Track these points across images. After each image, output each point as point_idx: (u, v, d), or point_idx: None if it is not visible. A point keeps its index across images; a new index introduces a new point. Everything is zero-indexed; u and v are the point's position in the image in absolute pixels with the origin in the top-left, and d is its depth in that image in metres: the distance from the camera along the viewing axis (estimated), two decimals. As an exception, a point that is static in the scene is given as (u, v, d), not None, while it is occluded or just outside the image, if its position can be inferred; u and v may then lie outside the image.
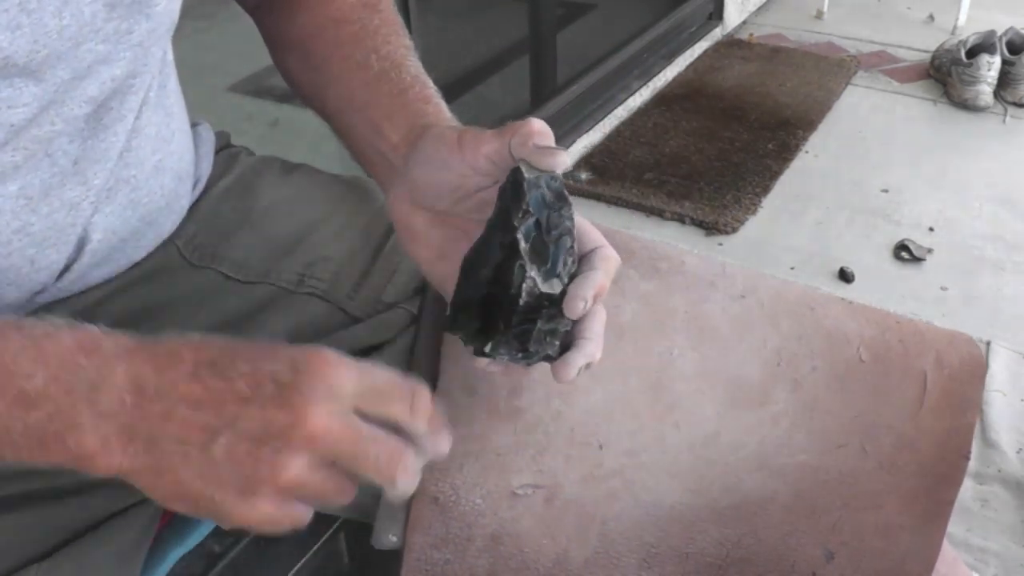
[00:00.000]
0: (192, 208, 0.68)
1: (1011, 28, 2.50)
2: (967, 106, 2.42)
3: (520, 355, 0.50)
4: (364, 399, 0.44)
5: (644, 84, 2.49)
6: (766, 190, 2.12)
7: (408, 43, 0.66)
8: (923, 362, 0.63)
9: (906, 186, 2.14)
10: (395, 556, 0.60)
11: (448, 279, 0.55)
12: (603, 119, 2.33)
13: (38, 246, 0.55)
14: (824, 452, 0.60)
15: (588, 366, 0.51)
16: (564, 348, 0.51)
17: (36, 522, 0.56)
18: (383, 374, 0.45)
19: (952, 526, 0.63)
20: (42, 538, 0.56)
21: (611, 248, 0.52)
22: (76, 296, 0.61)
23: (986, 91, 2.39)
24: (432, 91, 0.62)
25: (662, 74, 2.57)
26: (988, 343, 1.65)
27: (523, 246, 0.48)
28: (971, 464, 1.41)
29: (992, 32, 2.45)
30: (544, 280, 0.49)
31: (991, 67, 2.38)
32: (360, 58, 0.64)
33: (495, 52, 2.30)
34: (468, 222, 0.56)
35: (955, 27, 2.84)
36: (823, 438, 0.61)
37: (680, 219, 2.04)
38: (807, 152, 2.29)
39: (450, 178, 0.54)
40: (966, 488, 1.39)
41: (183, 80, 0.69)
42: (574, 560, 0.58)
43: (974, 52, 2.43)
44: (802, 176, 2.20)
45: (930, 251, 1.92)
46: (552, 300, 0.49)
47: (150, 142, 0.61)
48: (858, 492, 0.60)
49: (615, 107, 2.38)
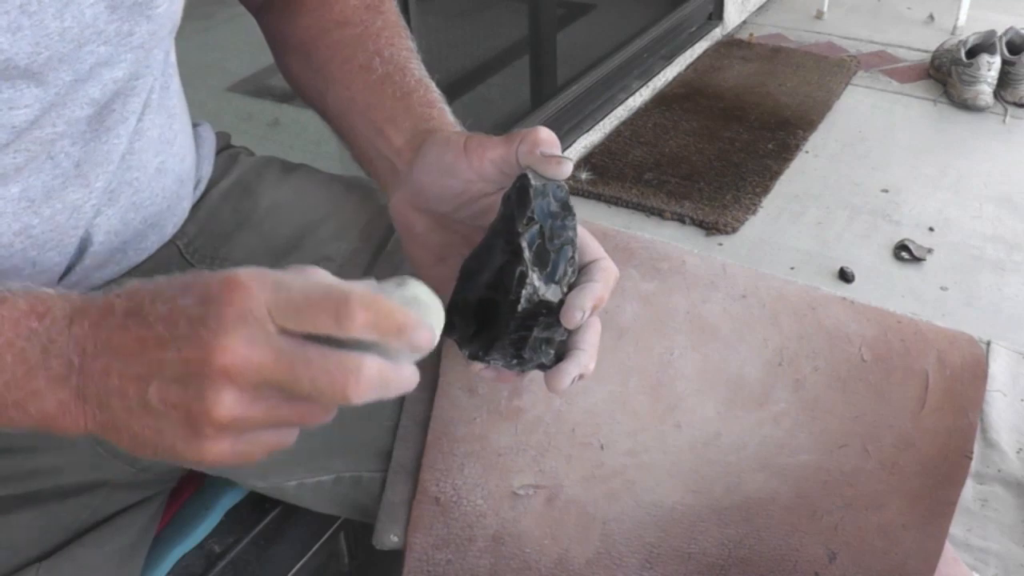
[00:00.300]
0: (193, 209, 0.68)
1: (1011, 28, 2.50)
2: (967, 106, 2.42)
3: (515, 361, 0.50)
4: (284, 317, 0.41)
5: (644, 84, 2.49)
6: (766, 190, 2.12)
7: (411, 46, 0.66)
8: (924, 362, 0.63)
9: (906, 186, 2.14)
10: (396, 556, 0.60)
11: (446, 283, 0.55)
12: (603, 119, 2.33)
13: (39, 248, 0.55)
14: (826, 452, 0.60)
15: (581, 377, 0.51)
16: (559, 357, 0.51)
17: (36, 522, 0.56)
18: (300, 286, 0.41)
19: (952, 526, 0.63)
20: (42, 538, 0.56)
21: (611, 261, 0.52)
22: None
23: (986, 91, 2.39)
24: (436, 95, 0.62)
25: (662, 74, 2.57)
26: (988, 343, 1.65)
27: (526, 253, 0.48)
28: (971, 464, 1.41)
29: (992, 32, 2.45)
30: (544, 287, 0.49)
31: (991, 67, 2.38)
32: (363, 60, 0.64)
33: (495, 52, 2.30)
34: (469, 227, 0.56)
35: (955, 27, 2.84)
36: (824, 438, 0.60)
37: (680, 219, 2.04)
38: (807, 152, 2.29)
39: (454, 183, 0.54)
40: (966, 488, 1.39)
41: (183, 80, 0.69)
42: (575, 560, 0.58)
43: (974, 52, 2.43)
44: (802, 176, 2.20)
45: (930, 251, 1.92)
46: (550, 308, 0.49)
47: (152, 144, 0.61)
48: (860, 492, 0.60)
49: (615, 107, 2.38)
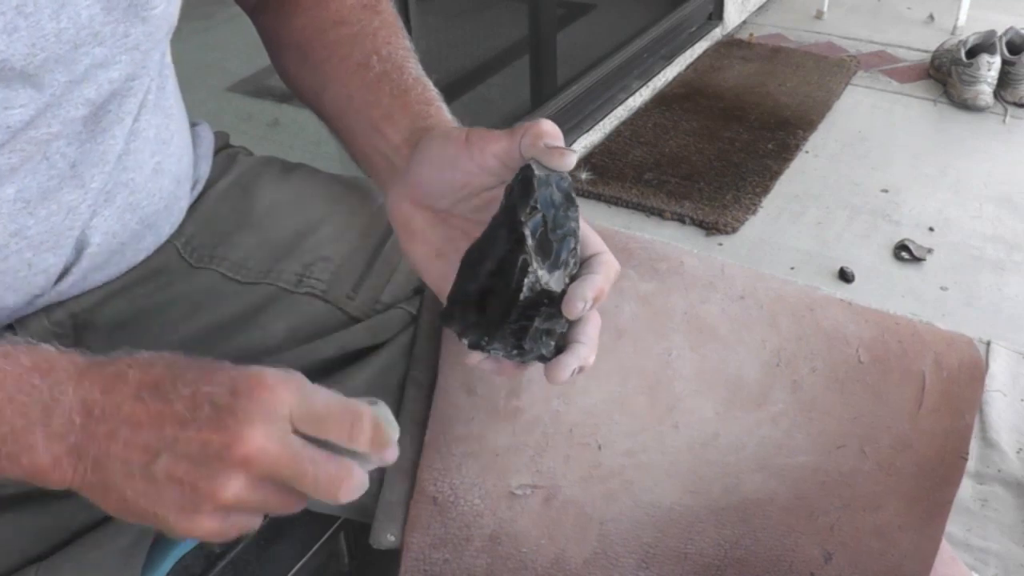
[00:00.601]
0: (191, 209, 0.68)
1: (1011, 28, 2.49)
2: (967, 106, 2.42)
3: (515, 352, 0.50)
4: (303, 422, 0.45)
5: (644, 84, 2.49)
6: (766, 190, 2.12)
7: (408, 44, 0.66)
8: (922, 363, 0.63)
9: (906, 186, 2.14)
10: (395, 556, 0.60)
11: (444, 278, 0.55)
12: (603, 119, 2.33)
13: (35, 249, 0.55)
14: (823, 453, 0.60)
15: (581, 370, 0.51)
16: (558, 350, 0.51)
17: (36, 522, 0.56)
18: (323, 397, 0.46)
19: (952, 526, 0.63)
20: (42, 538, 0.56)
21: (611, 255, 0.52)
22: (75, 298, 0.61)
23: (986, 91, 2.39)
24: (433, 93, 0.62)
25: (662, 74, 2.57)
26: (988, 343, 1.65)
27: (529, 241, 0.49)
28: (971, 464, 1.41)
29: (992, 32, 2.45)
30: (546, 276, 0.49)
31: (991, 67, 2.38)
32: (360, 59, 0.64)
33: (495, 52, 2.30)
34: (468, 222, 0.56)
35: (955, 27, 2.84)
36: (822, 439, 0.61)
37: (680, 219, 2.04)
38: (807, 152, 2.29)
39: (456, 176, 0.54)
40: (966, 488, 1.39)
41: (182, 80, 0.69)
42: (572, 560, 0.58)
43: (974, 52, 2.43)
44: (802, 176, 2.20)
45: (930, 251, 1.92)
46: (551, 299, 0.49)
47: (149, 145, 0.61)
48: (856, 493, 0.60)
49: (615, 107, 2.38)
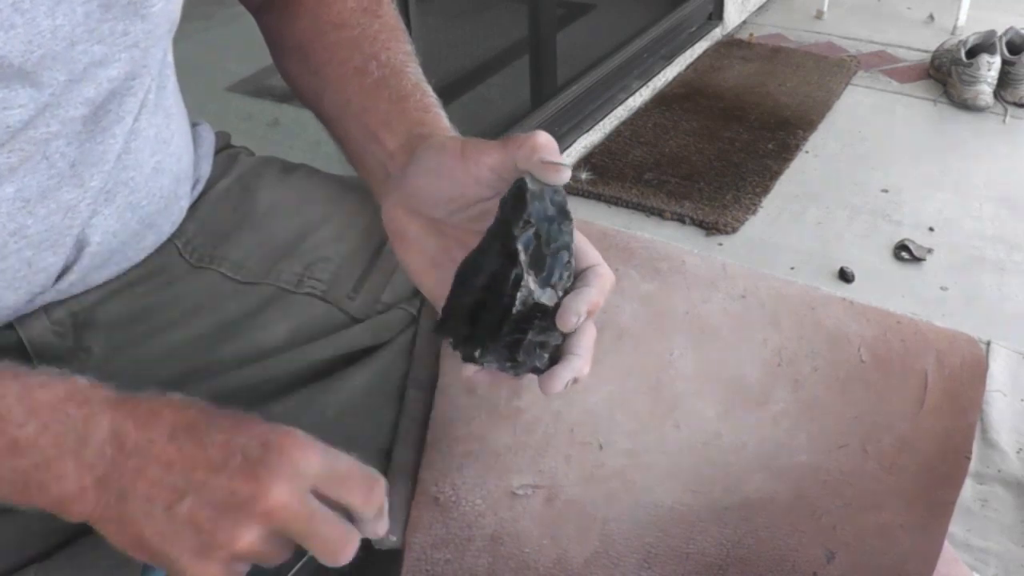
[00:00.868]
0: (192, 208, 0.68)
1: (1011, 28, 2.49)
2: (967, 106, 2.42)
3: (508, 364, 0.50)
4: (325, 483, 0.46)
5: (644, 84, 2.49)
6: (766, 190, 2.12)
7: (409, 49, 0.66)
8: (924, 362, 0.63)
9: (906, 186, 2.14)
10: (395, 556, 0.60)
11: (439, 287, 0.55)
12: (603, 119, 2.33)
13: (35, 248, 0.55)
14: (825, 452, 0.60)
15: (575, 381, 0.51)
16: (553, 361, 0.51)
17: (36, 522, 0.56)
18: (346, 461, 0.48)
19: (952, 526, 0.63)
20: (42, 538, 0.56)
21: (607, 267, 0.52)
22: (75, 297, 0.61)
23: (986, 91, 2.39)
24: (432, 99, 0.62)
25: (662, 74, 2.57)
26: (988, 343, 1.65)
27: (521, 256, 0.49)
28: (971, 464, 1.41)
29: (992, 32, 2.45)
30: (539, 291, 0.49)
31: (991, 67, 2.38)
32: (359, 64, 0.64)
33: (495, 52, 2.30)
34: (464, 232, 0.56)
35: (955, 27, 2.84)
36: (824, 438, 0.60)
37: (680, 219, 2.04)
38: (807, 152, 2.29)
39: (450, 187, 0.54)
40: (966, 488, 1.39)
41: (183, 80, 0.69)
42: (574, 560, 0.58)
43: (974, 52, 2.43)
44: (802, 176, 2.20)
45: (930, 251, 1.92)
46: (545, 312, 0.49)
47: (149, 144, 0.60)
48: (859, 492, 0.60)
49: (615, 107, 2.38)
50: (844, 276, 1.85)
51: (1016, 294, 1.81)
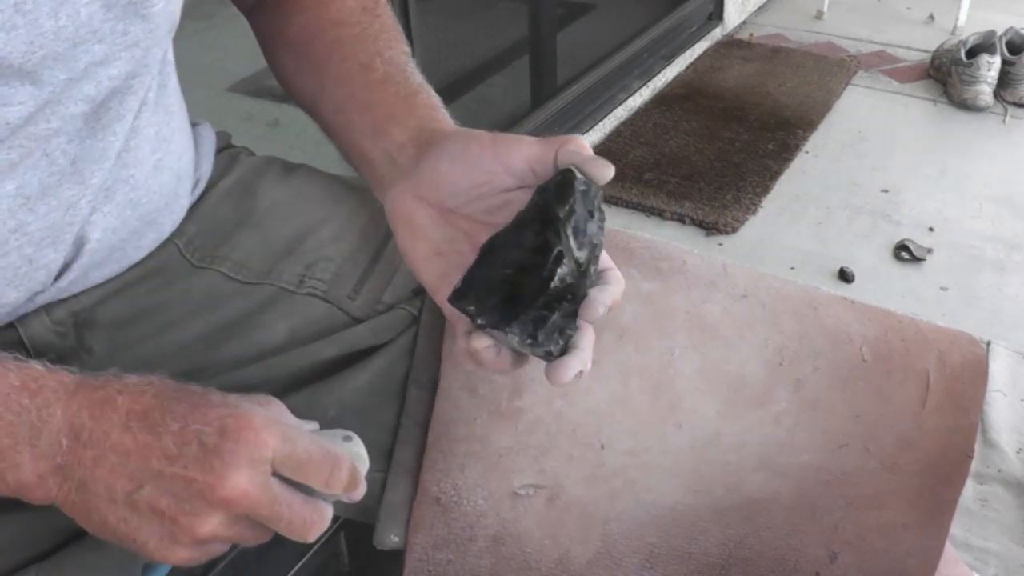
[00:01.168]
0: (192, 208, 0.68)
1: (1011, 28, 2.50)
2: (967, 106, 2.42)
3: (529, 341, 0.50)
4: (284, 466, 0.47)
5: (644, 84, 2.49)
6: (766, 190, 2.12)
7: (407, 50, 0.67)
8: (925, 362, 0.63)
9: (906, 186, 2.14)
10: (396, 556, 0.60)
11: (441, 277, 0.56)
12: (603, 119, 2.33)
13: (36, 245, 0.55)
14: (826, 452, 0.60)
15: (580, 374, 0.51)
16: (563, 351, 0.51)
17: (36, 522, 0.56)
18: (305, 443, 0.48)
19: (952, 526, 0.63)
20: (42, 538, 0.56)
21: (619, 272, 0.54)
22: (76, 297, 0.61)
23: (986, 91, 2.39)
24: (437, 100, 0.63)
25: (662, 74, 2.57)
26: (988, 343, 1.65)
27: (568, 235, 0.50)
28: (972, 464, 1.41)
29: (992, 32, 2.45)
30: (576, 273, 0.51)
31: (991, 67, 2.38)
32: (363, 60, 0.65)
33: (495, 52, 2.30)
34: (474, 224, 0.56)
35: (955, 27, 2.84)
36: (825, 438, 0.60)
37: (680, 219, 2.04)
38: (807, 152, 2.29)
39: (476, 175, 0.55)
40: (966, 488, 1.38)
41: (183, 80, 0.68)
42: (576, 560, 0.58)
43: (974, 52, 2.43)
44: (802, 176, 2.20)
45: (930, 251, 1.92)
46: (575, 296, 0.51)
47: (149, 142, 0.60)
48: (860, 492, 0.60)
49: (615, 107, 2.38)
50: (844, 276, 1.85)
51: (1016, 294, 1.81)
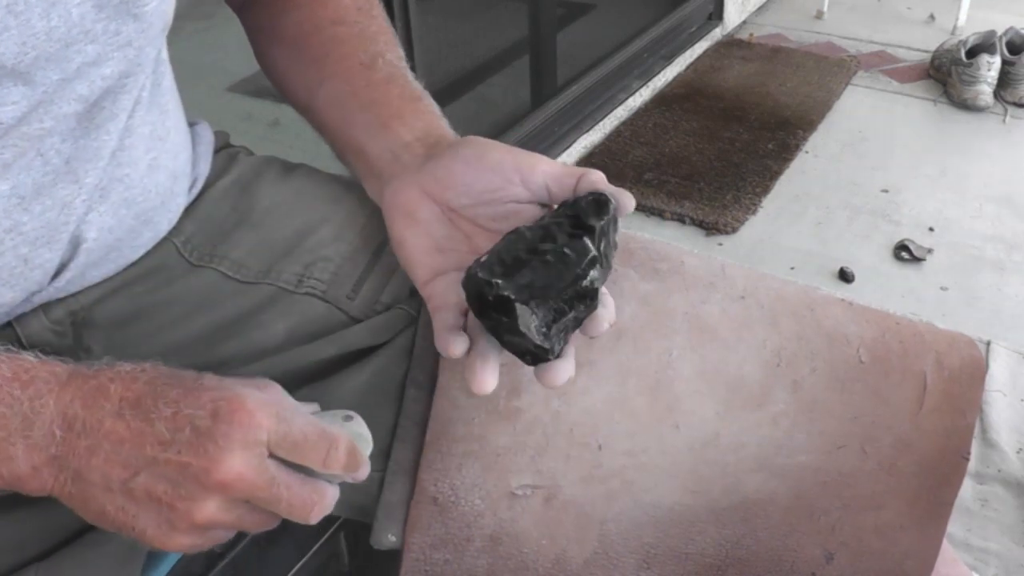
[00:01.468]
0: (191, 207, 0.68)
1: (1011, 28, 2.49)
2: (967, 106, 2.42)
3: (544, 329, 0.51)
4: (279, 447, 0.47)
5: (644, 84, 2.49)
6: (766, 190, 2.12)
7: (402, 54, 0.69)
8: (923, 363, 0.63)
9: (906, 186, 2.14)
10: (395, 556, 0.60)
11: (436, 272, 0.57)
12: (603, 119, 2.33)
13: (31, 245, 0.55)
14: (824, 453, 0.60)
15: (568, 380, 0.52)
16: (558, 355, 0.52)
17: (36, 522, 0.56)
18: (300, 424, 0.48)
19: (952, 526, 0.63)
20: (42, 538, 0.56)
21: (610, 297, 0.55)
22: (74, 296, 0.61)
23: (986, 91, 2.39)
24: (438, 109, 0.65)
25: (662, 74, 2.57)
26: (988, 343, 1.65)
27: (601, 245, 0.52)
28: (971, 464, 1.41)
29: (992, 32, 2.45)
30: (600, 280, 0.52)
31: (991, 67, 2.38)
32: (364, 60, 0.66)
33: (495, 52, 2.30)
34: (477, 228, 0.57)
35: (955, 27, 2.84)
36: (823, 439, 0.61)
37: (680, 219, 2.04)
38: (807, 152, 2.29)
39: (493, 178, 0.56)
40: (966, 488, 1.39)
41: (183, 80, 0.69)
42: (573, 560, 0.58)
43: (974, 52, 2.43)
44: (802, 176, 2.20)
45: (930, 251, 1.92)
46: (592, 302, 0.52)
47: (144, 141, 0.61)
48: (858, 493, 0.60)
49: (615, 107, 2.38)
50: (844, 276, 1.85)
51: (1016, 294, 1.81)
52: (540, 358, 0.51)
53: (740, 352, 0.61)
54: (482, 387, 0.51)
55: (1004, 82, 2.44)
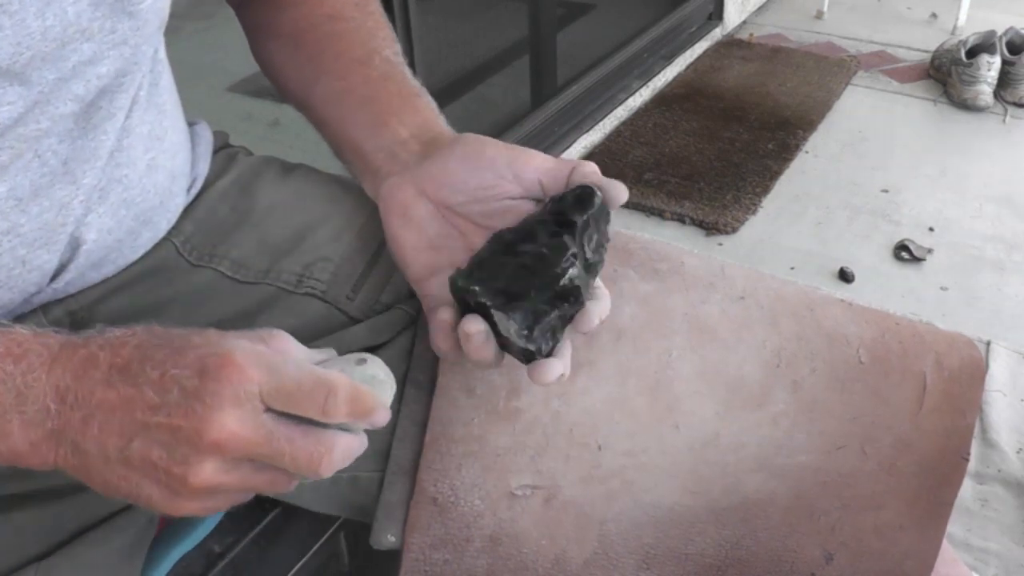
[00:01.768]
0: (190, 207, 0.68)
1: (1011, 28, 2.50)
2: (967, 106, 2.42)
3: (525, 331, 0.51)
4: (274, 399, 0.44)
5: (644, 84, 2.49)
6: (766, 190, 2.12)
7: (399, 50, 0.69)
8: (922, 364, 0.63)
9: (906, 186, 2.14)
10: (395, 556, 0.60)
11: (430, 270, 0.57)
12: (603, 119, 2.33)
13: (29, 247, 0.55)
14: (823, 453, 0.60)
15: (562, 377, 0.52)
16: (549, 354, 0.52)
17: (36, 522, 0.56)
18: (293, 372, 0.45)
19: (952, 526, 0.63)
20: (42, 538, 0.56)
21: (607, 290, 0.55)
22: (73, 296, 0.61)
23: (986, 91, 2.39)
24: (436, 106, 0.65)
25: (662, 74, 2.57)
26: (988, 343, 1.65)
27: (583, 240, 0.52)
28: (971, 464, 1.41)
29: (992, 32, 2.45)
30: (583, 278, 0.52)
31: (991, 67, 2.38)
32: (360, 56, 0.66)
33: (495, 52, 2.30)
34: (472, 224, 0.57)
35: (955, 27, 2.84)
36: (822, 439, 0.61)
37: (680, 219, 2.04)
38: (807, 152, 2.29)
39: (486, 176, 0.56)
40: (966, 488, 1.39)
41: (183, 80, 0.69)
42: (573, 561, 0.58)
43: (974, 52, 2.43)
44: (802, 176, 2.20)
45: (930, 251, 1.92)
46: (576, 300, 0.52)
47: (142, 141, 0.61)
48: (857, 493, 0.60)
49: (615, 107, 2.38)
50: (844, 276, 1.85)
51: (1016, 294, 1.81)
52: (530, 357, 0.51)
53: (740, 352, 0.61)
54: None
55: (1004, 82, 2.44)
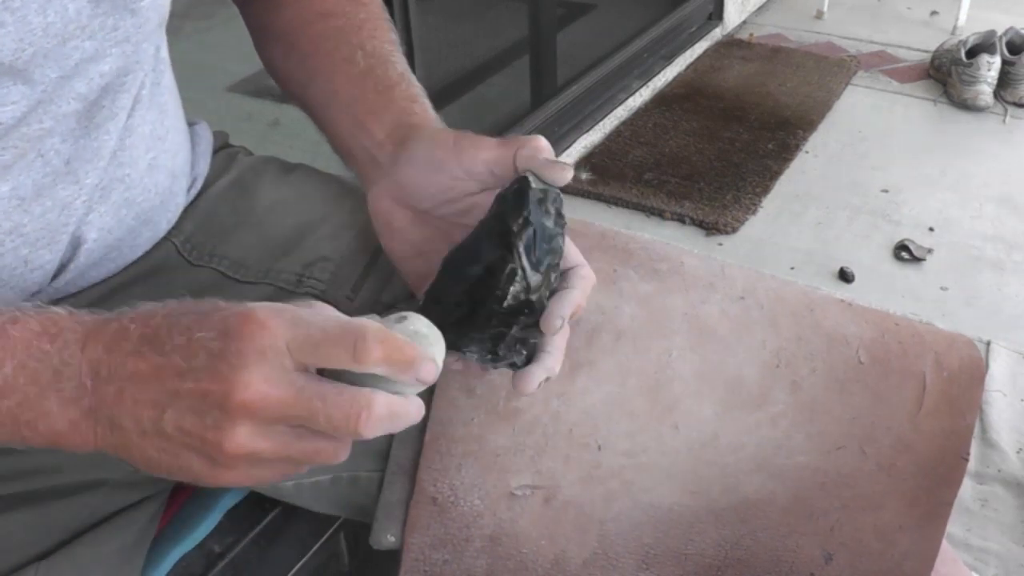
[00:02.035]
0: (190, 207, 0.68)
1: (1011, 28, 2.49)
2: (967, 106, 2.42)
3: (489, 356, 0.51)
4: (302, 352, 0.42)
5: (644, 84, 2.49)
6: (766, 190, 2.12)
7: (394, 38, 0.67)
8: (922, 364, 0.63)
9: (906, 186, 2.14)
10: (395, 556, 0.60)
11: (423, 277, 0.56)
12: (603, 119, 2.33)
13: (31, 246, 0.55)
14: (823, 453, 0.60)
15: (547, 379, 0.51)
16: (529, 359, 0.52)
17: (36, 522, 0.56)
18: (318, 323, 0.43)
19: (952, 526, 0.63)
20: (42, 538, 0.56)
21: (589, 269, 0.53)
22: (73, 296, 0.61)
23: (986, 91, 2.39)
24: (417, 89, 0.63)
25: (662, 74, 2.57)
26: (988, 343, 1.65)
27: (520, 251, 0.49)
28: (971, 464, 1.41)
29: (992, 32, 2.45)
30: (530, 288, 0.50)
31: (991, 67, 2.38)
32: (346, 54, 0.65)
33: (495, 52, 2.30)
34: (449, 224, 0.57)
35: (955, 27, 2.83)
36: (822, 439, 0.61)
37: (680, 219, 2.04)
38: (807, 152, 2.29)
39: (441, 179, 0.55)
40: (966, 488, 1.39)
41: (183, 80, 0.69)
42: (572, 561, 0.58)
43: (974, 52, 2.43)
44: (802, 176, 2.20)
45: (930, 251, 1.92)
46: (532, 309, 0.50)
47: (143, 140, 0.61)
48: (857, 493, 0.60)
49: (615, 107, 2.38)
50: (844, 276, 1.85)
51: (1016, 294, 1.81)
52: (514, 367, 0.52)
53: (739, 353, 0.61)
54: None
55: (1004, 82, 2.43)
